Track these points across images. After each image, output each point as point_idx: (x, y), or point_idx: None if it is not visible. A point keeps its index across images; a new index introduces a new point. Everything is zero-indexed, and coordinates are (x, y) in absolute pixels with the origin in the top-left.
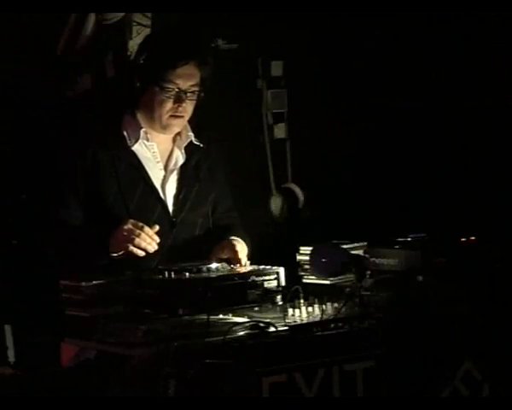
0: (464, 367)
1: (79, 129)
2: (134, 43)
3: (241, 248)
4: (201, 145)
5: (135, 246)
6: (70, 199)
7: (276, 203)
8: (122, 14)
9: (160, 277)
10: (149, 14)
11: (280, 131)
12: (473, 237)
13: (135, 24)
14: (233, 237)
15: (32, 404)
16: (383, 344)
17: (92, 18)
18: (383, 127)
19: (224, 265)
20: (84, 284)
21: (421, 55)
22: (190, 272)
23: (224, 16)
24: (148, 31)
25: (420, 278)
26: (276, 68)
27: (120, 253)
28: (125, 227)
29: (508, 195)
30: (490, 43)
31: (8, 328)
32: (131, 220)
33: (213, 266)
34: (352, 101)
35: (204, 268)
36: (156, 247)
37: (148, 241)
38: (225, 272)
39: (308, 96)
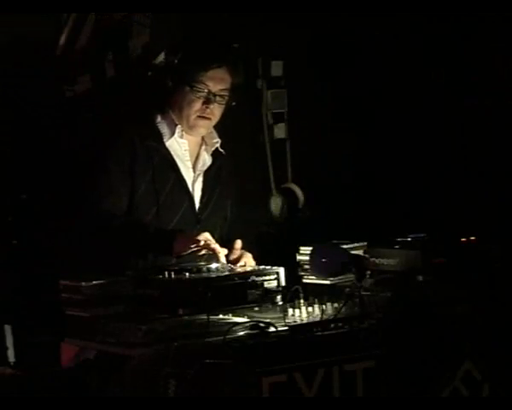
0: (464, 367)
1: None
2: (134, 43)
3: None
4: (224, 152)
5: (210, 249)
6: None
7: (276, 203)
8: (122, 14)
9: (160, 277)
10: (149, 14)
11: (280, 131)
12: (473, 237)
13: (135, 24)
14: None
15: (32, 404)
16: (383, 344)
17: (92, 18)
18: (383, 127)
19: (224, 265)
20: (84, 284)
21: (421, 55)
22: (190, 272)
23: (224, 16)
24: (148, 31)
25: (420, 278)
26: (276, 68)
27: (185, 253)
28: (201, 236)
29: (508, 195)
30: (490, 43)
31: (8, 328)
32: (207, 233)
33: (213, 266)
34: (351, 101)
35: (204, 268)
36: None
37: (222, 254)
38: (225, 272)
39: (308, 96)
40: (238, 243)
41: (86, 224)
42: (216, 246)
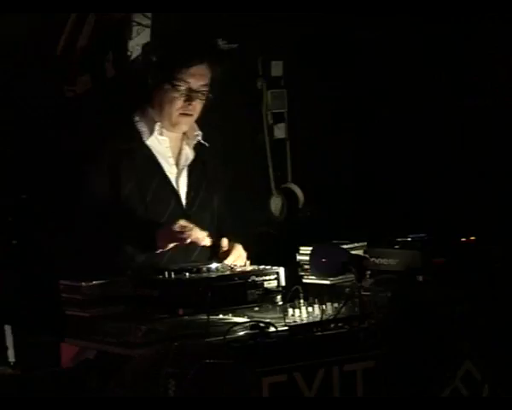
0: (464, 367)
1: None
2: (134, 44)
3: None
4: (207, 145)
5: (191, 237)
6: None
7: (276, 203)
8: (122, 14)
9: (160, 277)
10: (149, 14)
11: (280, 131)
12: (473, 237)
13: (135, 24)
14: (239, 247)
15: (32, 404)
16: (383, 344)
17: (92, 18)
18: (383, 127)
19: (224, 265)
20: (84, 284)
21: (421, 55)
22: (190, 272)
23: (224, 16)
24: (148, 31)
25: (420, 278)
26: (276, 68)
27: (168, 248)
28: (177, 225)
29: (508, 195)
30: (490, 43)
31: (8, 328)
32: (182, 220)
33: (213, 266)
34: (351, 101)
35: (204, 268)
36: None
37: (201, 235)
38: (225, 272)
39: (308, 96)
40: (224, 242)
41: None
42: (194, 231)
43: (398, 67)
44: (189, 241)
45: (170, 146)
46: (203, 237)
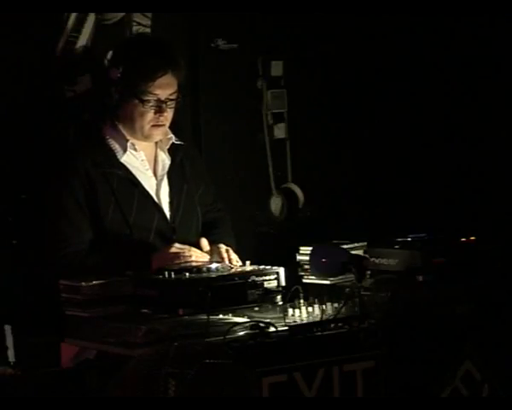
0: (464, 367)
1: (72, 151)
2: None
3: (228, 250)
4: (182, 143)
5: (191, 258)
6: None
7: (276, 203)
8: (122, 14)
9: (160, 277)
10: (149, 14)
11: (280, 131)
12: (473, 237)
13: (135, 24)
14: (220, 245)
15: (32, 404)
16: (383, 344)
17: (92, 18)
18: (383, 127)
19: (224, 265)
20: (84, 284)
21: (421, 56)
22: (190, 272)
23: (224, 16)
24: (148, 31)
25: (420, 278)
26: (276, 68)
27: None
28: (173, 250)
29: (508, 195)
30: (490, 43)
31: (8, 328)
32: (176, 243)
33: (213, 266)
34: (351, 101)
35: (204, 268)
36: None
37: (200, 254)
38: (225, 272)
39: (308, 96)
40: (203, 242)
41: (56, 268)
42: (191, 252)
43: (399, 67)
44: (184, 266)
45: (145, 158)
46: (202, 255)
